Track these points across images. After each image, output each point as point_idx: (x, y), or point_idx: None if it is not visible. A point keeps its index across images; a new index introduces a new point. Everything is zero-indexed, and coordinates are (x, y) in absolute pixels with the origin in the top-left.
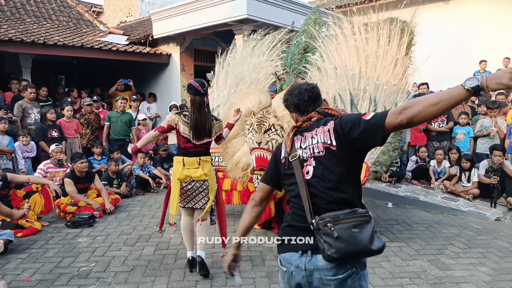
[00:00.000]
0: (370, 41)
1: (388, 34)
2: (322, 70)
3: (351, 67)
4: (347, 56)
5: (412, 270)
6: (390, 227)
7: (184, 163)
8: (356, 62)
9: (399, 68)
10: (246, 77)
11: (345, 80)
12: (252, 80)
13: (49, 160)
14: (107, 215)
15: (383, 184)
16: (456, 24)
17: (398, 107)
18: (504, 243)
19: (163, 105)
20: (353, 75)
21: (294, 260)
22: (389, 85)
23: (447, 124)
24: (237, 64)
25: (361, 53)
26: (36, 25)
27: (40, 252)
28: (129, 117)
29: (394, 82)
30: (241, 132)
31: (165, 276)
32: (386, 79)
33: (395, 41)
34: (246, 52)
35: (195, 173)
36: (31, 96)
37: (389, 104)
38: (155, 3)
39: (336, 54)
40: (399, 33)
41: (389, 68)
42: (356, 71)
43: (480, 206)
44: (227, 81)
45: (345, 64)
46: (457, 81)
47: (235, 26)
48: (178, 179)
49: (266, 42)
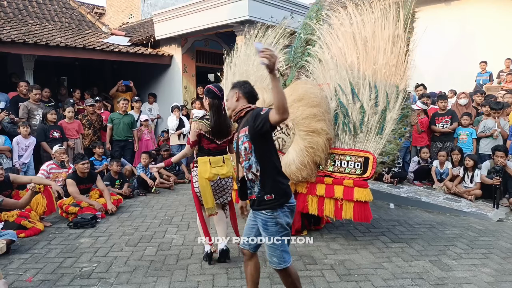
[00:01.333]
0: (366, 23)
1: (383, 10)
2: (323, 61)
3: (349, 54)
4: (344, 43)
5: (414, 271)
6: (392, 228)
7: (210, 162)
8: (353, 47)
9: (398, 46)
10: (251, 75)
11: (344, 69)
12: (257, 78)
13: (52, 161)
14: (109, 216)
15: (385, 185)
16: (457, 25)
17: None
18: (507, 244)
19: (165, 106)
20: (351, 63)
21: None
22: (388, 67)
23: (451, 124)
24: (242, 63)
25: (357, 37)
26: (39, 26)
27: (43, 253)
28: (131, 119)
29: (393, 62)
30: None
31: (167, 277)
32: (384, 60)
33: (391, 16)
34: (250, 50)
35: (221, 170)
36: (36, 97)
37: (390, 87)
38: (157, 5)
39: (333, 42)
40: (394, 8)
41: (386, 48)
42: (354, 57)
43: (483, 207)
44: (234, 80)
45: (343, 53)
46: (457, 81)
47: (236, 28)
48: (208, 178)
49: (269, 39)
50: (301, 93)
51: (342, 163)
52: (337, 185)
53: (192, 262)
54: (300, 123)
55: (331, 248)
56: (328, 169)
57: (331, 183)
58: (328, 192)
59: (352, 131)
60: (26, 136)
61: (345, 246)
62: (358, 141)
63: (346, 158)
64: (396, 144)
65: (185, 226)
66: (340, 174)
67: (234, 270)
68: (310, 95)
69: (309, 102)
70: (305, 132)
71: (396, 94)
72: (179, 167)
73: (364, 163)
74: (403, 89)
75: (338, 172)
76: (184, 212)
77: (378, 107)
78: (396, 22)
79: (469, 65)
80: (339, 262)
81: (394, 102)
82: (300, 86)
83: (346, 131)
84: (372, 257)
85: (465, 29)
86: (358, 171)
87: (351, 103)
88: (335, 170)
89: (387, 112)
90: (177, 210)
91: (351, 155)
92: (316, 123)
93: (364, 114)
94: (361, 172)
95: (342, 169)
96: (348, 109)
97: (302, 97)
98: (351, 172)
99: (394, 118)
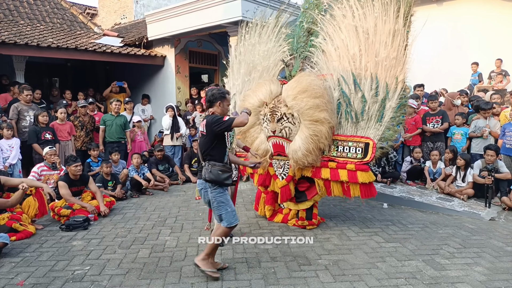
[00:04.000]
0: (368, 16)
1: (384, 4)
2: (326, 52)
3: (352, 46)
4: (347, 35)
5: (407, 271)
6: (385, 228)
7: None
8: (356, 40)
9: (398, 40)
10: (258, 65)
11: (347, 61)
12: (264, 68)
13: (43, 163)
14: (102, 218)
15: (378, 184)
16: (449, 25)
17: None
18: (499, 242)
19: (158, 106)
20: (354, 55)
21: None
22: (388, 59)
23: (442, 124)
24: (248, 53)
25: (359, 30)
26: (30, 27)
27: (34, 256)
28: (123, 120)
29: (393, 55)
30: (257, 122)
31: (161, 279)
32: (385, 53)
33: (392, 11)
34: (255, 40)
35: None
36: (28, 98)
37: (390, 78)
38: (150, 5)
39: (336, 34)
40: (395, 3)
41: (387, 42)
42: (356, 49)
43: (475, 206)
44: (240, 70)
45: (346, 44)
46: (451, 81)
47: (230, 28)
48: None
49: (271, 27)
50: (305, 85)
51: (344, 149)
52: (340, 169)
53: (186, 264)
54: (305, 113)
55: (325, 249)
56: (332, 154)
57: (334, 167)
58: (334, 176)
59: (354, 119)
60: (8, 137)
61: (339, 246)
62: (360, 128)
63: (349, 144)
64: (394, 131)
65: (179, 227)
66: (343, 159)
67: (228, 272)
68: (313, 87)
69: (312, 94)
70: (309, 121)
71: (395, 85)
72: (173, 169)
73: (365, 148)
74: (402, 80)
75: (341, 157)
76: (177, 214)
77: (378, 96)
78: (396, 17)
79: (462, 65)
80: (333, 263)
81: (393, 92)
82: (304, 79)
83: (348, 119)
84: (366, 257)
85: (457, 29)
86: (359, 155)
87: (353, 93)
88: (338, 155)
89: (386, 101)
90: (170, 211)
91: (353, 141)
92: (319, 113)
93: (365, 103)
94: (362, 156)
95: (345, 154)
96: (350, 99)
97: (306, 88)
98: (353, 156)
99: (393, 107)
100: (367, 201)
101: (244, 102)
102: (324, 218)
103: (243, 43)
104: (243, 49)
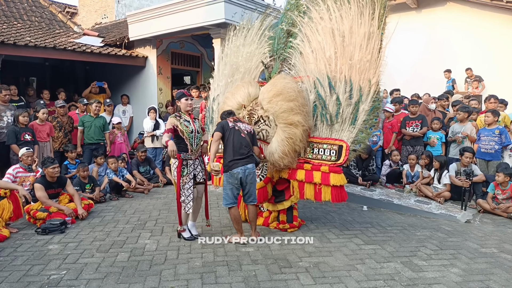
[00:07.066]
0: (344, 19)
1: (359, 6)
2: (303, 54)
3: (328, 48)
4: (323, 38)
5: (386, 272)
6: (365, 230)
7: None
8: (332, 42)
9: (373, 43)
10: (241, 66)
11: (323, 63)
12: (246, 70)
13: (19, 164)
14: (79, 221)
15: (358, 187)
16: (427, 32)
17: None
18: (474, 244)
19: (139, 107)
20: (329, 57)
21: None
22: (362, 62)
23: (421, 129)
24: (232, 54)
25: (335, 32)
26: (6, 25)
27: (8, 260)
28: (103, 121)
29: (367, 58)
30: None
31: (140, 283)
32: (359, 56)
33: (367, 14)
34: (239, 42)
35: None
36: (6, 98)
37: (364, 81)
38: (132, 5)
39: (313, 36)
40: (370, 5)
41: (362, 44)
42: (332, 52)
43: (451, 208)
44: (225, 71)
45: (322, 47)
46: (428, 86)
47: (212, 30)
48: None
49: (255, 30)
50: (280, 88)
51: (319, 151)
52: (315, 171)
53: (166, 268)
54: (280, 116)
55: (305, 251)
56: (308, 156)
57: (310, 169)
58: (308, 177)
59: (329, 122)
60: None
61: (319, 248)
62: (334, 131)
63: (323, 146)
64: (367, 134)
65: (159, 231)
66: (318, 161)
67: (209, 275)
68: (288, 90)
69: (286, 97)
70: (284, 124)
71: (368, 87)
72: (153, 171)
73: (339, 151)
74: (375, 83)
75: (316, 159)
76: (158, 217)
77: (352, 99)
78: (371, 19)
79: (439, 70)
80: (314, 265)
81: (366, 95)
82: (279, 81)
83: (323, 121)
84: (346, 259)
85: (435, 36)
86: (333, 158)
87: (328, 95)
88: (314, 157)
89: (360, 104)
90: (150, 214)
91: (328, 143)
92: (293, 116)
93: (340, 106)
94: (336, 158)
95: (320, 156)
96: (326, 101)
97: (281, 92)
98: (327, 159)
99: (366, 110)
100: (348, 203)
101: (224, 104)
102: (305, 220)
103: (228, 45)
104: (229, 51)
